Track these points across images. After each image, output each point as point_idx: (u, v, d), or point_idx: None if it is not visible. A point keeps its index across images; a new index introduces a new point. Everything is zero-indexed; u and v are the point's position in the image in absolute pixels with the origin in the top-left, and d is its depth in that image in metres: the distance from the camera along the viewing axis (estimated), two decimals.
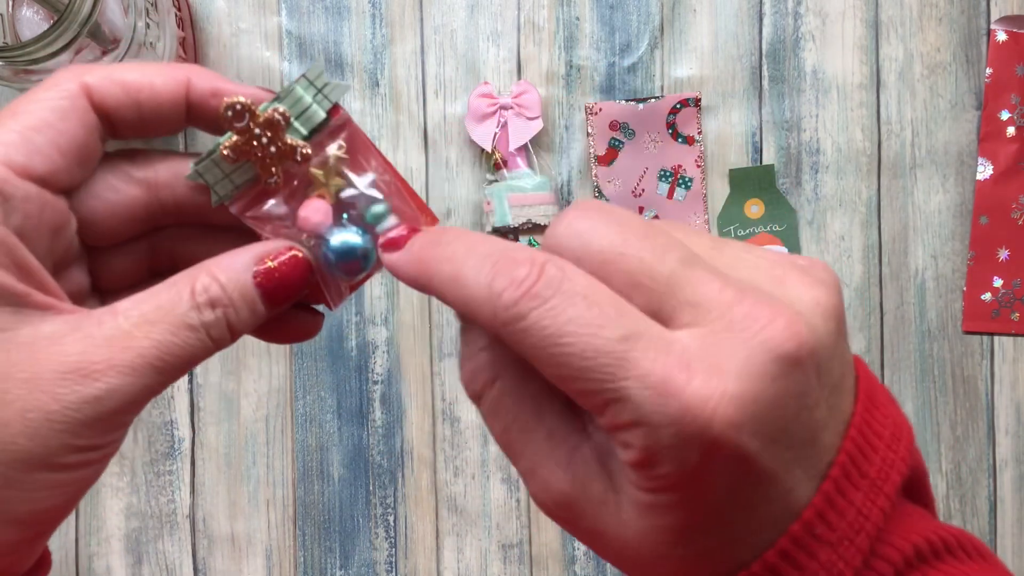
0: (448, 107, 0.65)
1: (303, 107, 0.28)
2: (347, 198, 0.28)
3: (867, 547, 0.24)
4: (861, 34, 0.65)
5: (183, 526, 0.66)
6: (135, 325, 0.25)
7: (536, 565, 0.66)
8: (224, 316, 0.26)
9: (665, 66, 0.65)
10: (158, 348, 0.25)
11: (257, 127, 0.27)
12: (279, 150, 0.27)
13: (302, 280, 0.27)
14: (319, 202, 0.28)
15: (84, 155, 0.26)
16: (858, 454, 0.24)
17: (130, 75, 0.26)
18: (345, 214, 0.28)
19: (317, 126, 0.28)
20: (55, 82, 0.26)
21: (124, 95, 0.26)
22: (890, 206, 0.65)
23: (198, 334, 0.25)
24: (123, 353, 0.24)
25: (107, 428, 0.24)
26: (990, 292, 0.65)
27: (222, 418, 0.65)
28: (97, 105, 0.26)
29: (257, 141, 0.27)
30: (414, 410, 0.65)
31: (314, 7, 0.65)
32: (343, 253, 0.28)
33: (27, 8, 0.54)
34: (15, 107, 0.25)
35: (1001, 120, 0.64)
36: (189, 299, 0.25)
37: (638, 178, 0.65)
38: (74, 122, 0.25)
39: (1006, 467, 0.65)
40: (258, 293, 0.26)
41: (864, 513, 0.24)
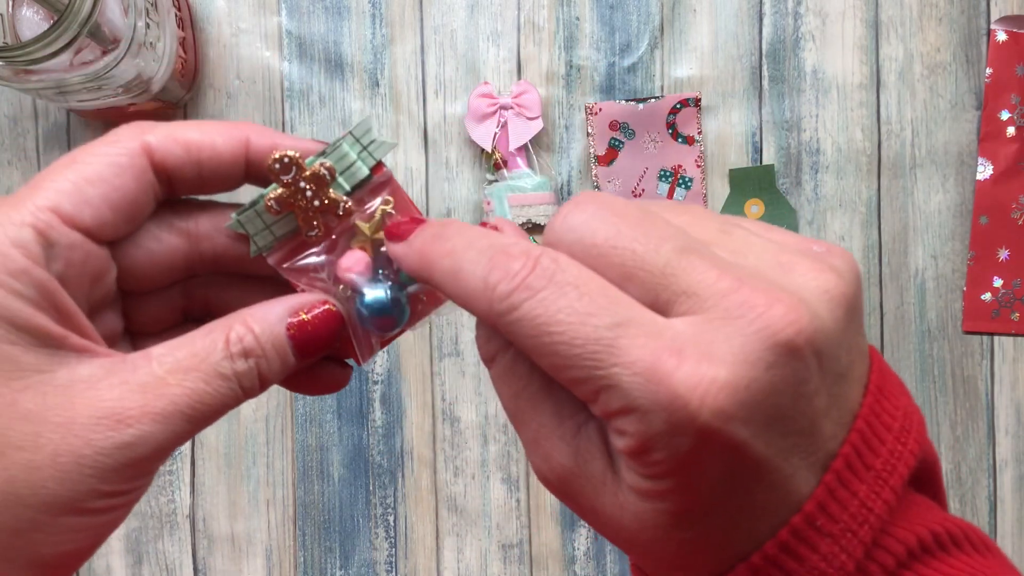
0: (448, 107, 0.65)
1: (348, 163, 0.28)
2: (385, 253, 0.28)
3: (870, 539, 0.23)
4: (861, 34, 0.65)
5: (183, 526, 0.66)
6: (169, 372, 0.25)
7: (536, 565, 0.66)
8: (256, 366, 0.26)
9: (665, 66, 0.65)
10: (190, 396, 0.25)
11: (303, 180, 0.28)
12: (322, 204, 0.28)
13: (334, 333, 0.27)
14: (361, 253, 0.28)
15: (135, 212, 0.26)
16: (863, 446, 0.24)
17: (192, 134, 0.27)
18: (380, 270, 0.28)
19: (360, 182, 0.28)
20: (116, 138, 0.27)
21: (185, 155, 0.27)
22: (890, 206, 0.65)
23: (230, 383, 0.26)
24: (157, 400, 0.24)
25: (135, 474, 0.25)
26: (990, 292, 0.65)
27: (222, 418, 0.65)
28: (157, 165, 0.27)
29: (302, 194, 0.28)
30: (414, 410, 0.65)
31: (314, 7, 0.65)
32: (378, 308, 0.28)
33: (27, 8, 0.54)
34: (74, 156, 0.26)
35: (1001, 120, 0.64)
36: (223, 348, 0.26)
37: (638, 178, 0.65)
38: (129, 179, 0.26)
39: (1006, 467, 0.65)
40: (290, 345, 0.27)
41: (868, 505, 0.24)
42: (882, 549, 0.24)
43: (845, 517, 0.23)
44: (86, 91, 0.53)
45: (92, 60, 0.53)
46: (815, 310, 0.23)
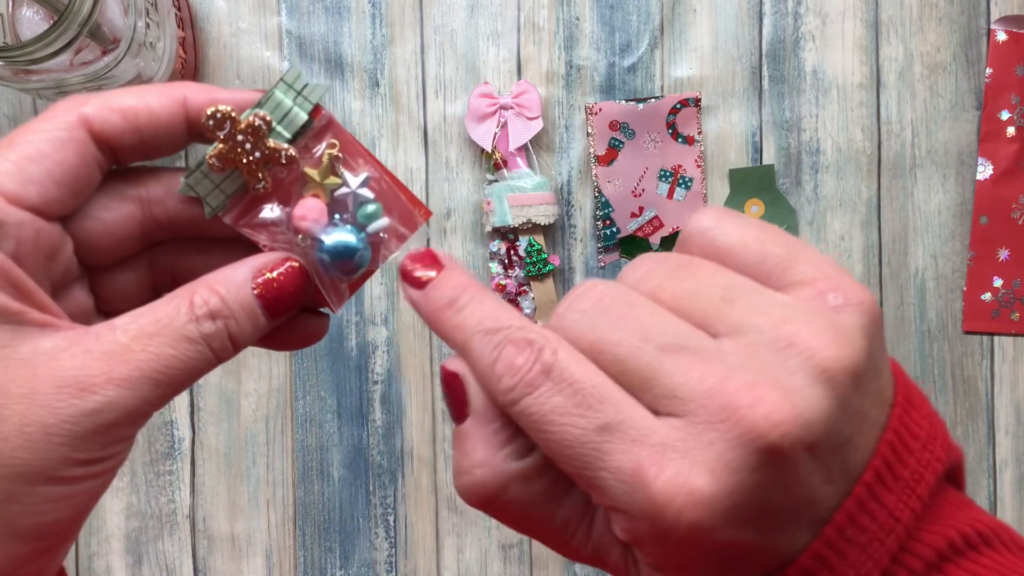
0: (448, 107, 0.65)
1: (284, 111, 0.28)
2: (340, 196, 0.28)
3: (896, 547, 0.24)
4: (861, 34, 0.65)
5: (183, 526, 0.66)
6: (133, 339, 0.25)
7: (536, 565, 0.66)
8: (225, 327, 0.26)
9: (665, 66, 0.65)
10: (156, 361, 0.25)
11: (239, 134, 0.27)
12: (264, 155, 0.28)
13: (300, 290, 0.27)
14: (314, 201, 0.28)
15: (80, 184, 0.26)
16: (893, 457, 0.24)
17: (127, 100, 0.27)
18: (337, 215, 0.28)
19: (300, 129, 0.28)
20: (53, 114, 0.26)
21: (123, 122, 0.27)
22: (890, 206, 0.65)
23: (198, 346, 0.25)
24: (121, 367, 0.24)
25: (107, 441, 0.25)
26: (990, 292, 0.65)
27: (222, 418, 0.65)
28: (97, 135, 0.26)
29: (241, 148, 0.27)
30: (414, 410, 0.65)
31: (314, 7, 0.65)
32: (338, 252, 0.28)
33: (27, 8, 0.54)
34: (13, 137, 0.26)
35: (1001, 120, 0.64)
36: (188, 311, 0.26)
37: (638, 178, 0.65)
38: (71, 153, 0.26)
39: (1006, 467, 0.65)
40: (259, 304, 0.26)
41: (895, 516, 0.24)
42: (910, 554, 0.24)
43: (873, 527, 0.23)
44: (86, 91, 0.53)
45: (92, 60, 0.53)
46: (806, 402, 0.22)
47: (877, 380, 0.24)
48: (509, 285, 0.64)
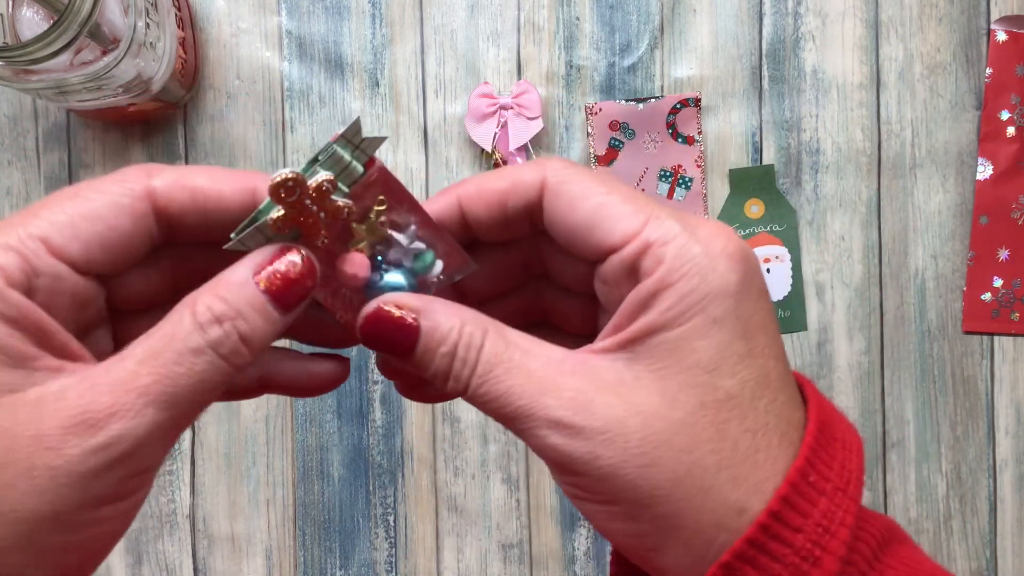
0: (448, 107, 0.65)
1: (343, 166, 0.27)
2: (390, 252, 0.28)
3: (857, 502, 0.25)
4: (861, 34, 0.65)
5: (183, 526, 0.66)
6: (139, 363, 0.24)
7: (536, 565, 0.66)
8: (234, 329, 0.24)
9: (665, 66, 0.65)
10: (161, 382, 0.23)
11: (307, 199, 0.27)
12: (328, 214, 0.27)
13: (308, 277, 0.26)
14: (360, 256, 0.28)
15: (127, 252, 0.26)
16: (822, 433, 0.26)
17: (199, 181, 0.26)
18: (379, 257, 0.28)
19: (356, 181, 0.28)
20: (124, 177, 0.26)
21: (190, 202, 0.26)
22: (890, 206, 0.65)
23: (205, 356, 0.24)
24: (125, 396, 0.23)
25: (120, 478, 0.23)
26: (990, 292, 0.65)
27: (222, 418, 0.65)
28: (160, 210, 0.26)
29: (307, 210, 0.27)
30: (414, 410, 0.65)
31: (314, 7, 0.65)
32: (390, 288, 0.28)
33: (27, 8, 0.54)
34: (78, 189, 0.26)
35: (1001, 120, 0.64)
36: (191, 321, 0.24)
37: (638, 178, 0.65)
38: (127, 221, 0.25)
39: (1006, 467, 0.65)
40: (267, 299, 0.25)
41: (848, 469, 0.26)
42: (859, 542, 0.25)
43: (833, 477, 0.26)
44: (86, 91, 0.53)
45: (92, 60, 0.53)
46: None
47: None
48: None
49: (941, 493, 0.65)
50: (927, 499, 0.65)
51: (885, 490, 0.65)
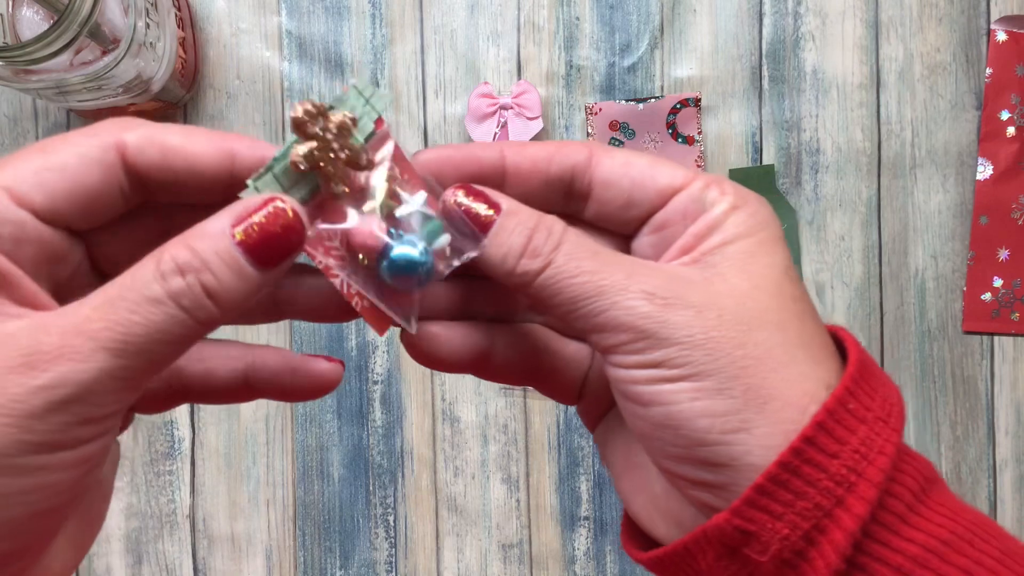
0: (448, 107, 0.65)
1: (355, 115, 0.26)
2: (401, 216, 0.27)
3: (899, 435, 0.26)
4: (861, 34, 0.65)
5: (183, 526, 0.66)
6: (94, 308, 0.23)
7: (536, 565, 0.66)
8: (198, 282, 0.23)
9: (665, 66, 0.65)
10: (111, 329, 0.22)
11: (329, 132, 0.26)
12: (348, 156, 0.26)
13: (291, 231, 0.24)
14: (373, 218, 0.27)
15: (98, 207, 0.25)
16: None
17: (172, 138, 0.25)
18: (393, 229, 0.27)
19: (369, 136, 0.27)
20: (95, 131, 0.25)
21: (160, 158, 0.25)
22: (890, 206, 0.65)
23: (164, 307, 0.23)
24: (75, 339, 0.22)
25: (65, 423, 0.22)
26: (990, 292, 0.65)
27: (222, 418, 0.65)
28: (129, 163, 0.25)
29: (329, 147, 0.26)
30: (414, 410, 0.65)
31: (314, 7, 0.65)
32: (402, 267, 0.27)
33: (27, 8, 0.54)
34: (47, 144, 0.25)
35: (1001, 120, 0.64)
36: (153, 269, 0.23)
37: None
38: (94, 173, 0.25)
39: (1006, 467, 0.65)
40: (241, 252, 0.24)
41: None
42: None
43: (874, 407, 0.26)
44: (86, 91, 0.53)
45: (92, 60, 0.53)
46: None
47: None
48: None
49: None
50: None
51: None
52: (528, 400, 0.66)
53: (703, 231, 0.27)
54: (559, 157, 0.28)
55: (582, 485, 0.65)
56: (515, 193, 0.28)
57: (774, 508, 0.24)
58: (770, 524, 0.24)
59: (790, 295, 0.26)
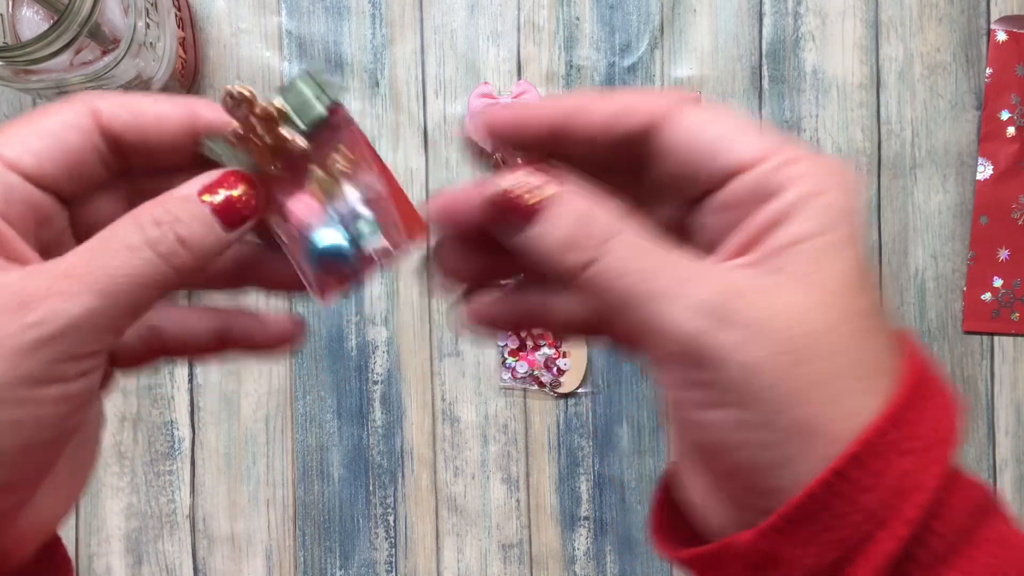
0: (448, 107, 0.65)
1: (303, 101, 0.28)
2: (339, 207, 0.29)
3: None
4: (861, 34, 0.65)
5: (183, 526, 0.66)
6: (78, 256, 0.25)
7: (536, 565, 0.66)
8: (173, 232, 0.26)
9: (665, 66, 0.65)
10: (99, 271, 0.25)
11: (253, 117, 0.28)
12: (274, 142, 0.28)
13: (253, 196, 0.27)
14: (309, 198, 0.29)
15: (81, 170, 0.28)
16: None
17: (141, 102, 0.28)
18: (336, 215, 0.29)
19: (317, 122, 0.28)
20: (70, 102, 0.28)
21: (130, 118, 0.28)
22: (890, 206, 0.65)
23: (142, 253, 0.25)
24: (62, 281, 0.25)
25: (54, 359, 0.24)
26: (990, 292, 0.65)
27: (222, 418, 0.65)
28: (103, 127, 0.28)
29: (254, 131, 0.28)
30: (414, 410, 0.65)
31: (314, 7, 0.65)
32: (326, 254, 0.28)
33: (27, 8, 0.54)
34: (29, 116, 0.28)
35: (1001, 120, 0.64)
36: (131, 222, 0.26)
37: None
38: (73, 135, 0.27)
39: (1006, 467, 0.65)
40: (209, 210, 0.27)
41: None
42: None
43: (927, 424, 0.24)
44: (86, 91, 0.53)
45: (92, 60, 0.53)
46: None
47: None
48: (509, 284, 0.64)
49: None
50: None
51: None
52: (528, 400, 0.66)
53: (770, 222, 0.25)
54: (624, 120, 0.27)
55: (582, 485, 0.66)
56: (580, 152, 0.28)
57: (800, 536, 0.24)
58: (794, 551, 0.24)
59: (856, 310, 0.24)
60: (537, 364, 0.65)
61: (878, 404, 0.24)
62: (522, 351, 0.65)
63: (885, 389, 0.24)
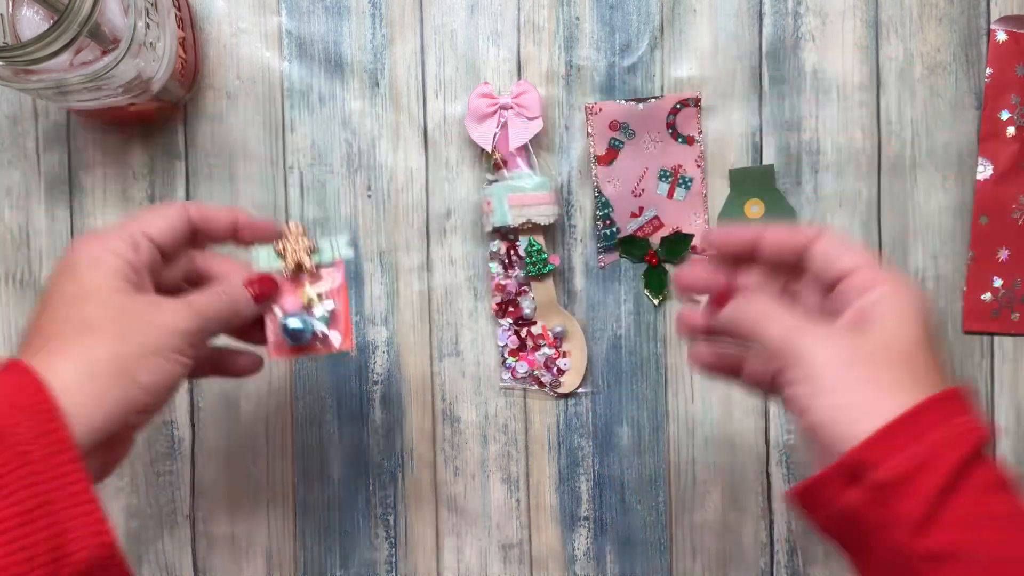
0: (448, 107, 0.65)
1: (323, 247, 0.52)
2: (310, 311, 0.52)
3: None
4: (861, 34, 0.65)
5: (183, 526, 0.66)
6: (200, 294, 0.48)
7: (536, 565, 0.66)
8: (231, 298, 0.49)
9: (665, 66, 0.65)
10: (204, 305, 0.47)
11: (295, 243, 0.52)
12: (298, 261, 0.52)
13: (271, 290, 0.51)
14: (296, 299, 0.52)
15: (172, 239, 0.48)
16: None
17: (207, 207, 0.50)
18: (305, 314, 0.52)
19: (326, 263, 0.52)
20: (173, 203, 0.52)
21: (200, 214, 0.50)
22: (890, 206, 0.65)
23: (220, 297, 0.48)
24: (188, 308, 0.46)
25: (187, 343, 0.45)
26: (990, 292, 0.65)
27: (222, 418, 0.65)
28: (188, 218, 0.49)
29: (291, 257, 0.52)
30: (414, 410, 0.65)
31: (314, 7, 0.65)
32: (290, 329, 0.51)
33: (27, 8, 0.54)
34: (154, 207, 0.54)
35: (1001, 120, 0.64)
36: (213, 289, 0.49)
37: (638, 178, 0.65)
38: (177, 223, 0.49)
39: None
40: (249, 294, 0.50)
41: None
42: None
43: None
44: (86, 91, 0.53)
45: (92, 60, 0.53)
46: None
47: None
48: (509, 285, 0.64)
49: None
50: None
51: None
52: (528, 400, 0.66)
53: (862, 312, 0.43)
54: (795, 237, 0.46)
55: (582, 485, 0.66)
56: (762, 255, 0.48)
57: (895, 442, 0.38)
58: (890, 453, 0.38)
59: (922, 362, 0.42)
60: (537, 364, 0.65)
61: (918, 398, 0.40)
62: (522, 351, 0.65)
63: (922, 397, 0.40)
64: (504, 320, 0.65)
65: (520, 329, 0.65)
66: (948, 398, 0.40)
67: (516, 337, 0.65)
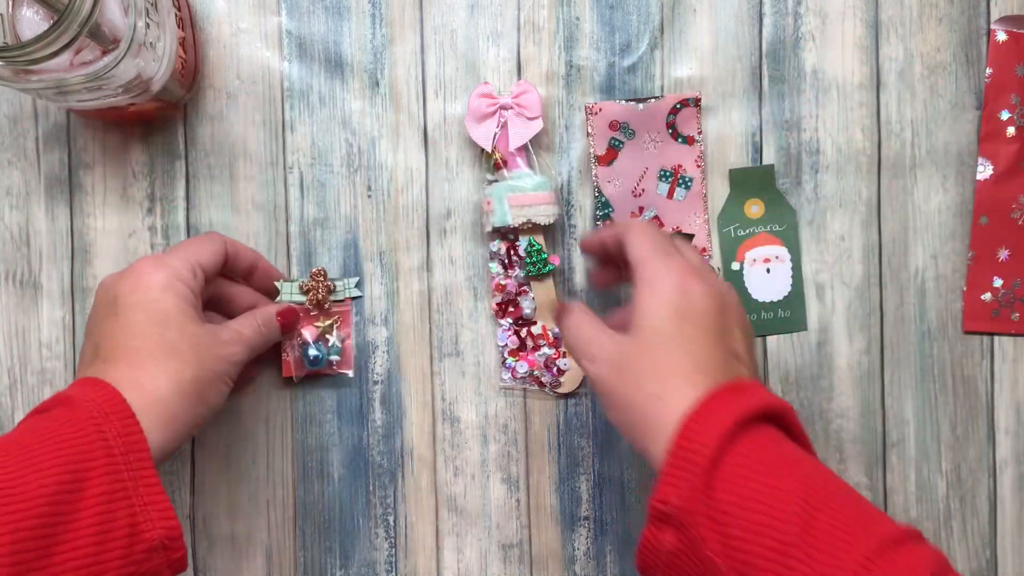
0: (448, 107, 0.65)
1: (339, 289, 0.64)
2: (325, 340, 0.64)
3: None
4: (861, 34, 0.65)
5: (183, 526, 0.66)
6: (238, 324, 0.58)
7: (536, 565, 0.66)
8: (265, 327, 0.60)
9: (665, 66, 0.65)
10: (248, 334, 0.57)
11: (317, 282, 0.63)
12: (318, 300, 0.63)
13: (295, 321, 0.62)
14: (313, 329, 0.64)
15: (216, 269, 0.58)
16: None
17: (238, 244, 0.61)
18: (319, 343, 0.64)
19: (339, 300, 0.64)
20: (216, 235, 0.61)
21: (233, 248, 0.60)
22: (890, 206, 0.65)
23: (260, 331, 0.59)
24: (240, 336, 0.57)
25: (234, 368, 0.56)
26: (990, 292, 0.65)
27: (222, 418, 0.65)
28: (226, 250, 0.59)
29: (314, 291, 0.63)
30: (414, 410, 0.65)
31: (314, 7, 0.65)
32: (310, 355, 0.63)
33: (27, 8, 0.54)
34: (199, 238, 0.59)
35: (1001, 120, 0.64)
36: (251, 318, 0.59)
37: (638, 178, 0.65)
38: (218, 254, 0.58)
39: (1006, 467, 0.65)
40: (278, 324, 0.61)
41: None
42: None
43: None
44: (86, 91, 0.53)
45: (92, 60, 0.53)
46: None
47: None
48: (509, 285, 0.64)
49: (941, 493, 0.65)
50: (927, 499, 0.65)
51: (885, 490, 0.65)
52: (528, 400, 0.66)
53: (631, 312, 0.51)
54: (615, 233, 0.56)
55: (582, 485, 0.66)
56: (607, 253, 0.58)
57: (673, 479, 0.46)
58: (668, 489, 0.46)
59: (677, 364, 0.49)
60: (537, 364, 0.65)
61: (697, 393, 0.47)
62: (522, 351, 0.65)
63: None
64: (504, 320, 0.65)
65: (520, 329, 0.65)
66: (699, 415, 0.46)
67: (516, 337, 0.65)
